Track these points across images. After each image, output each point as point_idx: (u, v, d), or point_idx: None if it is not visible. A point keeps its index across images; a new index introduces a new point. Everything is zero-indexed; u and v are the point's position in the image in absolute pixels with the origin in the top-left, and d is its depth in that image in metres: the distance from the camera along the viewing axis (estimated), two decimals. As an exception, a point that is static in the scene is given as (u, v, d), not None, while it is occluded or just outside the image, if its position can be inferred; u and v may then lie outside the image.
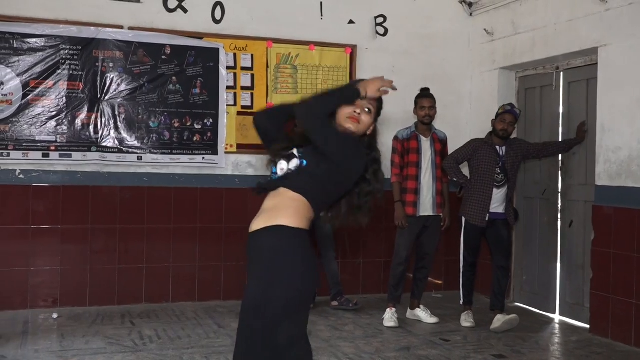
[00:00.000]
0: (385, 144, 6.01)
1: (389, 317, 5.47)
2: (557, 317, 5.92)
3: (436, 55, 6.89)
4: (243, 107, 6.26)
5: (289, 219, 2.44)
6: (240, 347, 2.45)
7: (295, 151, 2.53)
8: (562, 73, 6.03)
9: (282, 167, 2.53)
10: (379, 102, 2.66)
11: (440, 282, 6.78)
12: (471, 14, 6.99)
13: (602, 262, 5.25)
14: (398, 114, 6.52)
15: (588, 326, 5.42)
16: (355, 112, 2.57)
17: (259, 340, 2.38)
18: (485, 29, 6.73)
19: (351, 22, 6.62)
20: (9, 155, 5.54)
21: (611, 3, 5.24)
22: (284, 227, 2.43)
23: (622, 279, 5.07)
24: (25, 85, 5.57)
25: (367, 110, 2.61)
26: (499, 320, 5.37)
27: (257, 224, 2.48)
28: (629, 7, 5.09)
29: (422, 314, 5.65)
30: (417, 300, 5.72)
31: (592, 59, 5.57)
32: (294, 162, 2.51)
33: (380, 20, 6.71)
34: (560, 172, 6.00)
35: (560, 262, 5.97)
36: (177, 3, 6.05)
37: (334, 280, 5.99)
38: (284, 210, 2.45)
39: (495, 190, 5.47)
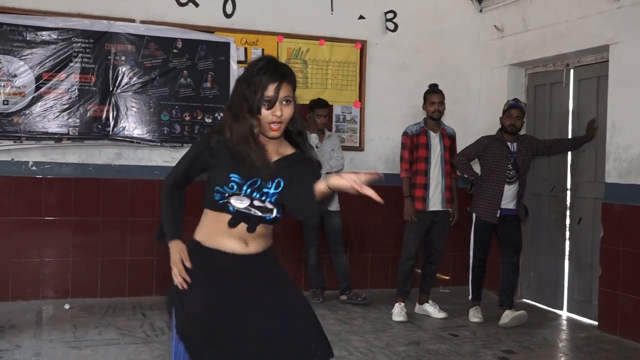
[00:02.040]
0: (395, 139, 6.12)
1: (398, 312, 5.50)
2: (564, 313, 5.94)
3: (446, 51, 6.90)
4: (253, 101, 6.27)
5: (270, 241, 2.48)
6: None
7: (267, 202, 2.37)
8: (572, 70, 6.04)
9: (242, 201, 2.34)
10: (293, 82, 2.36)
11: (448, 277, 6.80)
12: (481, 10, 7.00)
13: (611, 259, 5.26)
14: (407, 110, 6.57)
15: (596, 323, 5.44)
16: (275, 115, 2.28)
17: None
18: (495, 26, 6.73)
19: (361, 17, 6.63)
20: (21, 146, 5.57)
21: (623, 1, 5.24)
22: (270, 248, 2.48)
23: (631, 276, 5.09)
24: (38, 77, 5.59)
25: (285, 102, 2.31)
26: (507, 316, 5.39)
27: (252, 248, 2.39)
28: (641, 5, 5.10)
29: (431, 309, 5.68)
30: (426, 295, 5.75)
31: (603, 56, 5.58)
32: (264, 206, 2.37)
33: (390, 15, 6.72)
34: (569, 169, 6.01)
35: (569, 259, 5.99)
36: (189, -3, 6.08)
37: (343, 275, 6.02)
38: (267, 236, 2.45)
39: (506, 187, 5.48)
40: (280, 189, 2.35)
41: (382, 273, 6.63)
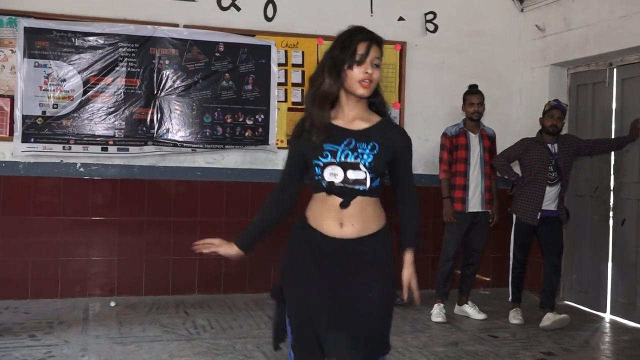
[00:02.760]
0: (434, 140, 6.11)
1: (437, 313, 5.49)
2: (607, 316, 5.85)
3: (486, 51, 6.85)
4: (294, 103, 6.35)
5: (382, 221, 2.49)
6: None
7: (361, 165, 2.38)
8: (615, 69, 5.94)
9: (336, 173, 2.37)
10: (381, 47, 2.44)
11: (488, 278, 6.75)
12: (522, 10, 6.93)
13: (655, 261, 5.18)
14: (446, 111, 6.55)
15: (640, 326, 5.36)
16: (366, 72, 2.35)
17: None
18: (536, 25, 6.66)
19: (401, 19, 6.64)
20: (70, 149, 5.75)
21: (668, -2, 5.15)
22: (380, 232, 2.48)
23: (675, 278, 5.00)
24: (85, 82, 5.76)
25: (374, 65, 2.38)
26: (549, 318, 5.33)
27: (346, 231, 2.41)
28: (686, 2, 5.01)
29: (470, 310, 5.66)
30: (465, 296, 5.73)
31: (647, 55, 5.49)
32: (357, 175, 2.38)
33: (430, 17, 6.71)
34: (612, 170, 5.91)
35: (612, 261, 5.89)
36: (230, 1, 6.17)
37: None
38: (365, 218, 2.43)
39: (548, 189, 5.42)
40: (375, 151, 2.39)
41: (422, 274, 6.57)
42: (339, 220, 2.41)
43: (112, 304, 5.63)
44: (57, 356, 4.21)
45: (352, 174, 2.37)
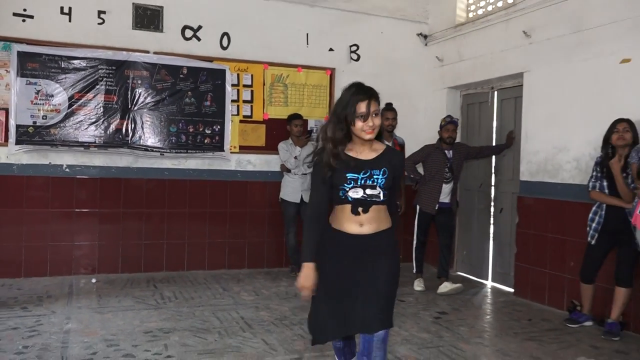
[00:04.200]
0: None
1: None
2: (489, 283, 6.10)
3: (398, 77, 7.02)
4: (244, 116, 6.38)
5: (389, 223, 2.63)
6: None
7: (377, 187, 2.55)
8: (496, 92, 6.18)
9: (357, 191, 2.55)
10: (377, 100, 2.54)
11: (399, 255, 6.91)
12: (426, 44, 7.13)
13: (524, 240, 5.43)
14: (367, 123, 6.66)
15: (513, 290, 5.61)
16: (367, 125, 2.49)
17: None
18: (436, 57, 6.87)
19: (331, 49, 6.75)
20: (57, 152, 5.64)
21: (534, 38, 5.40)
22: (388, 229, 2.62)
23: (539, 253, 5.26)
24: (70, 97, 5.65)
25: (374, 115, 2.50)
26: (446, 286, 5.52)
27: (365, 229, 2.56)
28: (547, 41, 5.27)
29: (384, 281, 5.80)
30: (380, 269, 5.87)
31: (519, 81, 5.72)
32: (374, 191, 2.55)
33: (354, 48, 6.85)
34: (493, 170, 6.17)
35: (493, 240, 6.14)
36: (192, 33, 6.15)
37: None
38: (379, 220, 2.58)
39: (444, 186, 5.61)
40: (386, 175, 2.56)
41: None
42: (359, 222, 2.57)
43: (93, 280, 5.56)
44: (45, 324, 4.14)
45: (369, 191, 2.55)
